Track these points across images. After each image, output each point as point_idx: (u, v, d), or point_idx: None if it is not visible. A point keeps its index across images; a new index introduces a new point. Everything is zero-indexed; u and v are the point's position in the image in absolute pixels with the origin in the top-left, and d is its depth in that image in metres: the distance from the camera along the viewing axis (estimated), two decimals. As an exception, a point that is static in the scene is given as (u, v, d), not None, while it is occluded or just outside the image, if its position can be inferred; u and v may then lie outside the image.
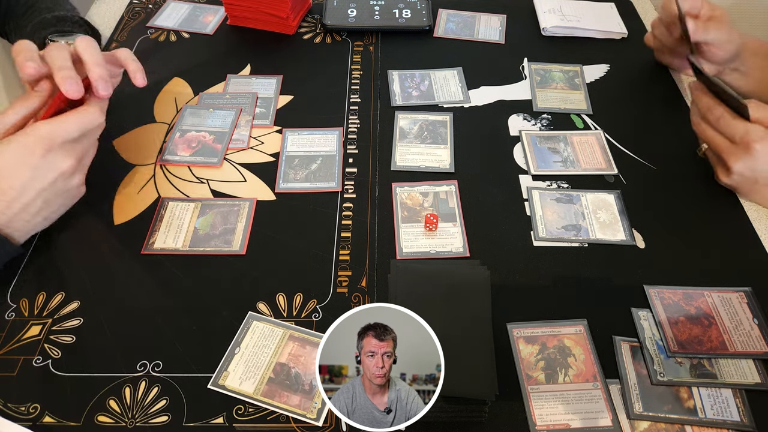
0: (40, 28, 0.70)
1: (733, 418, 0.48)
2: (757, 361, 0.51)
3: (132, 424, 0.47)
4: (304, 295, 0.56)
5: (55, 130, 0.53)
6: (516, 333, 0.53)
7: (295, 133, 0.71)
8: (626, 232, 0.61)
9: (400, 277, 0.52)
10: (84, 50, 0.56)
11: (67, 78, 0.53)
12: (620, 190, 0.65)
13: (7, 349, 0.51)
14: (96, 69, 0.55)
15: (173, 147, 0.69)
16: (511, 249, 0.60)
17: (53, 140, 0.52)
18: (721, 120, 0.60)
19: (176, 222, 0.61)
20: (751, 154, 0.57)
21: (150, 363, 0.51)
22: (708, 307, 0.54)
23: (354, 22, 0.86)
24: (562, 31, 0.86)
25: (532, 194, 0.64)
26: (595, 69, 0.81)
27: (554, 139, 0.71)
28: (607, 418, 0.48)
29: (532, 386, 0.49)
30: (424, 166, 0.68)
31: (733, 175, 0.60)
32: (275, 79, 0.79)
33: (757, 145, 0.57)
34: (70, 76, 0.53)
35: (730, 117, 0.59)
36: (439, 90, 0.78)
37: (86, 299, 0.55)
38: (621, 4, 0.93)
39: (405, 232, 0.61)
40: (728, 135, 0.60)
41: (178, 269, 0.57)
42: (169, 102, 0.75)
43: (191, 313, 0.54)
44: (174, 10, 0.91)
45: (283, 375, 0.50)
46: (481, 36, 0.87)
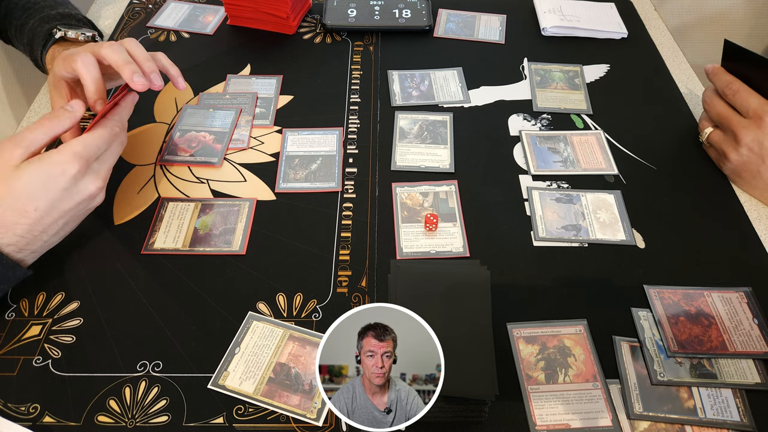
0: (44, 22, 0.70)
1: (733, 418, 0.48)
2: (757, 361, 0.51)
3: (132, 424, 0.47)
4: (304, 295, 0.56)
5: (88, 147, 0.51)
6: (516, 333, 0.53)
7: (295, 133, 0.71)
8: (626, 232, 0.61)
9: (400, 277, 0.52)
10: (134, 47, 0.59)
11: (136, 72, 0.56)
12: (620, 190, 0.65)
13: (7, 349, 0.51)
14: (149, 63, 0.58)
15: (173, 147, 0.69)
16: (511, 249, 0.60)
17: (86, 158, 0.51)
18: (737, 94, 0.62)
19: (176, 222, 0.61)
20: (762, 128, 0.59)
21: (150, 363, 0.51)
22: (708, 307, 0.54)
23: (354, 22, 0.86)
24: (562, 31, 0.87)
25: (532, 194, 0.64)
26: (595, 69, 0.81)
27: (554, 139, 0.71)
28: (607, 418, 0.48)
29: (532, 386, 0.49)
30: (424, 166, 0.68)
31: (742, 149, 0.61)
32: (275, 79, 0.79)
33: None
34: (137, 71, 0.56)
35: (747, 92, 0.61)
36: (439, 90, 0.78)
37: (86, 299, 0.55)
38: (621, 4, 0.93)
39: (405, 232, 0.61)
40: (743, 109, 0.61)
41: (178, 269, 0.57)
42: (169, 102, 0.75)
43: (191, 313, 0.54)
44: (174, 10, 0.91)
45: (283, 375, 0.50)
46: (481, 36, 0.87)
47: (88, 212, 0.55)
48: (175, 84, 0.62)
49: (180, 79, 0.63)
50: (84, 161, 0.51)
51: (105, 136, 0.53)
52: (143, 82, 0.56)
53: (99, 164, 0.53)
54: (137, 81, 0.56)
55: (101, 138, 0.53)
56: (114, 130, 0.54)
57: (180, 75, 0.63)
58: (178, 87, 0.63)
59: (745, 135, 0.60)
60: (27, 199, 0.49)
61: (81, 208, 0.53)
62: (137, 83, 0.56)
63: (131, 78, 0.56)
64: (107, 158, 0.54)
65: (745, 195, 0.65)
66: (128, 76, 0.56)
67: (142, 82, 0.56)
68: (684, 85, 0.79)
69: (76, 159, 0.50)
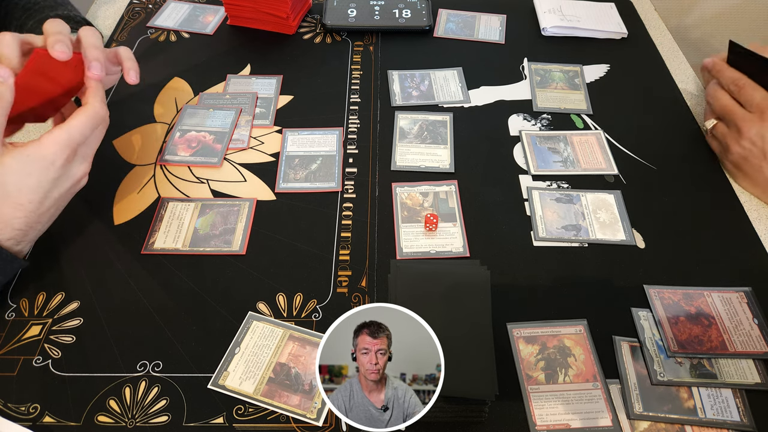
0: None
1: (733, 418, 0.48)
2: (757, 361, 0.51)
3: (132, 424, 0.47)
4: (304, 295, 0.56)
5: (72, 134, 0.51)
6: (516, 333, 0.53)
7: (295, 133, 0.71)
8: (626, 232, 0.61)
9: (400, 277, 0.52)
10: (86, 35, 0.56)
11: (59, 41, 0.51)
12: (620, 190, 0.65)
13: (7, 349, 0.51)
14: (94, 51, 0.55)
15: (173, 147, 0.69)
16: (511, 249, 0.60)
17: (72, 146, 0.51)
18: (743, 89, 0.63)
19: (176, 222, 0.61)
20: (766, 122, 0.60)
21: (150, 363, 0.51)
22: (708, 307, 0.54)
23: (354, 22, 0.86)
24: (562, 31, 0.86)
25: (532, 194, 0.64)
26: (595, 69, 0.81)
27: (554, 139, 0.71)
28: (607, 418, 0.48)
29: (532, 386, 0.49)
30: (424, 166, 0.68)
31: (744, 141, 0.62)
32: (275, 79, 0.79)
33: None
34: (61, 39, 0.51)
35: (752, 87, 0.62)
36: (439, 90, 0.78)
37: (86, 299, 0.55)
38: (621, 4, 0.92)
39: (405, 232, 0.61)
40: (747, 103, 0.62)
41: (178, 269, 0.57)
42: (169, 102, 0.75)
43: (191, 313, 0.54)
44: (174, 10, 0.91)
45: (283, 375, 0.50)
46: (481, 36, 0.87)
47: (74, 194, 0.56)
48: (125, 76, 0.59)
49: (132, 72, 0.59)
50: (71, 150, 0.51)
51: (90, 121, 0.52)
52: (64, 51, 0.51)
53: (84, 148, 0.53)
54: (58, 49, 0.51)
55: (86, 124, 0.52)
56: (99, 113, 0.53)
57: (134, 68, 0.59)
58: (128, 80, 0.59)
59: (749, 128, 0.61)
60: (19, 192, 0.50)
61: (70, 192, 0.54)
62: (57, 52, 0.51)
63: (53, 46, 0.51)
64: (92, 142, 0.54)
65: (746, 195, 0.65)
66: (51, 42, 0.51)
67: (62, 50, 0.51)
68: (684, 85, 0.79)
69: (63, 149, 0.50)
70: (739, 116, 0.63)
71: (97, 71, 0.54)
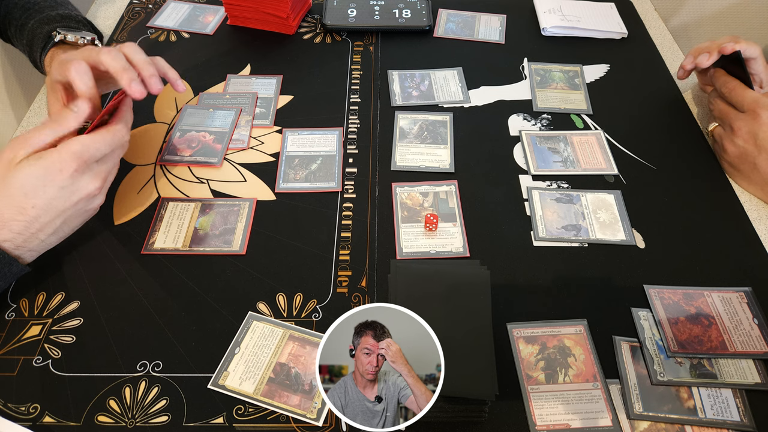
0: (44, 24, 0.70)
1: (733, 418, 0.48)
2: (757, 361, 0.51)
3: (132, 424, 0.47)
4: (304, 295, 0.56)
5: (87, 147, 0.51)
6: (516, 333, 0.53)
7: (295, 133, 0.71)
8: (626, 232, 0.61)
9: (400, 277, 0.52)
10: (133, 53, 0.58)
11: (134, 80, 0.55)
12: (620, 190, 0.65)
13: (7, 349, 0.51)
14: (148, 67, 0.57)
15: (173, 147, 0.69)
16: (511, 249, 0.60)
17: (85, 158, 0.51)
18: (734, 91, 0.65)
19: (176, 222, 0.61)
20: (757, 120, 0.62)
21: (150, 363, 0.51)
22: (708, 307, 0.54)
23: (354, 22, 0.86)
24: (562, 31, 0.86)
25: (532, 194, 0.64)
26: (595, 69, 0.81)
27: (554, 139, 0.71)
28: (607, 418, 0.48)
29: (532, 386, 0.49)
30: (424, 166, 0.68)
31: (737, 140, 0.63)
32: (275, 79, 0.79)
33: (763, 112, 0.61)
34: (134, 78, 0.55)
35: (742, 88, 0.65)
36: (439, 90, 0.78)
37: (86, 299, 0.55)
38: (621, 4, 0.93)
39: (405, 232, 0.61)
40: (738, 104, 0.65)
41: (178, 269, 0.57)
42: (169, 102, 0.75)
43: (191, 313, 0.54)
44: (174, 10, 0.91)
45: (283, 375, 0.50)
46: (481, 36, 0.87)
47: (87, 214, 0.55)
48: (174, 87, 0.62)
49: (179, 81, 0.62)
50: (82, 160, 0.51)
51: (107, 140, 0.53)
52: (140, 89, 0.55)
53: (99, 165, 0.53)
54: (135, 88, 0.55)
55: (102, 141, 0.53)
56: (118, 134, 0.54)
57: (179, 78, 0.62)
58: (177, 89, 0.62)
59: (741, 127, 0.63)
60: (24, 196, 0.49)
61: (79, 208, 0.53)
62: (134, 91, 0.55)
63: (129, 85, 0.55)
64: (108, 160, 0.54)
65: (746, 195, 0.65)
66: (126, 83, 0.55)
67: (139, 89, 0.55)
68: (684, 84, 0.79)
69: (73, 158, 0.50)
70: (732, 117, 0.64)
71: (159, 86, 0.58)
